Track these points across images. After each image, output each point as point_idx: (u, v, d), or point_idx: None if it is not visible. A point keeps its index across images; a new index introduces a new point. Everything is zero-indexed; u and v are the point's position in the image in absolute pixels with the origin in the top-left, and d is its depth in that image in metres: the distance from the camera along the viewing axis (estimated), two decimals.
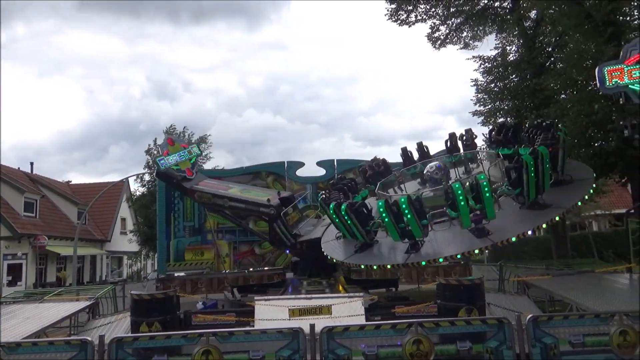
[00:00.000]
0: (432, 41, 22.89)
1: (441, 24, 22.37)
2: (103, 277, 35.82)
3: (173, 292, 8.89)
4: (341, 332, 5.28)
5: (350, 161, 16.39)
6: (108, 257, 37.42)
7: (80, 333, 10.46)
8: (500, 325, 5.40)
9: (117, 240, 37.17)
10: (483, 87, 22.05)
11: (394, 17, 22.08)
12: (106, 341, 5.17)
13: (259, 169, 16.69)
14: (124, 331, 9.09)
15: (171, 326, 7.94)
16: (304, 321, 6.47)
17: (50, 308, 10.99)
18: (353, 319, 7.54)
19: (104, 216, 36.26)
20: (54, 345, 5.32)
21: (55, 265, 30.07)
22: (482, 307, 8.02)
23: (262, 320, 7.89)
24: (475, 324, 5.56)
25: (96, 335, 5.58)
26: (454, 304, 7.83)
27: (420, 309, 8.47)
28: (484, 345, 5.33)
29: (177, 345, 5.40)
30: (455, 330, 5.39)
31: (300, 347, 5.15)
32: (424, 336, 5.14)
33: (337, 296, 8.90)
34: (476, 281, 8.30)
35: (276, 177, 16.30)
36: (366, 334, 5.37)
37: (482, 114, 22.13)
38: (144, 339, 5.52)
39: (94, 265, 35.58)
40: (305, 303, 8.24)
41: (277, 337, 5.31)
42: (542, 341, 5.32)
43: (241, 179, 15.72)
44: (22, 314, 10.57)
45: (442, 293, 8.26)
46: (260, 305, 8.26)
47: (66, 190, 35.79)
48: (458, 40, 22.91)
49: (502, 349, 5.28)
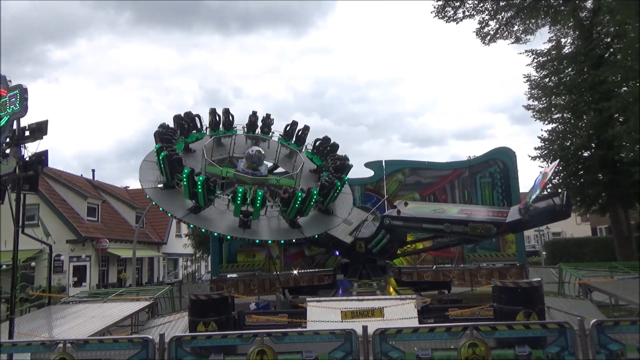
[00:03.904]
0: (481, 37, 22.27)
1: (490, 19, 21.70)
2: (160, 278, 37.16)
3: (228, 293, 9.09)
4: (394, 334, 5.22)
5: (399, 162, 16.19)
6: (164, 259, 38.77)
7: (141, 331, 10.88)
8: (562, 330, 5.15)
9: (172, 242, 38.48)
10: (537, 82, 21.27)
11: (441, 14, 21.65)
12: (166, 340, 5.35)
13: None
14: (181, 330, 9.39)
15: (226, 326, 8.13)
16: (356, 323, 6.46)
17: (113, 308, 11.49)
18: (406, 322, 7.44)
19: (160, 220, 37.61)
20: (118, 343, 5.57)
21: (116, 267, 31.52)
22: (541, 311, 7.72)
23: (315, 321, 7.92)
24: (534, 328, 5.34)
25: (156, 333, 5.77)
26: (511, 307, 7.58)
27: (475, 311, 8.26)
28: (544, 351, 5.11)
29: (232, 345, 5.50)
30: (513, 335, 5.20)
31: (353, 349, 5.13)
32: (480, 340, 5.00)
33: (390, 298, 8.80)
34: (535, 284, 8.00)
35: None
36: (420, 336, 5.27)
37: (536, 109, 21.36)
38: (201, 338, 5.67)
39: (151, 267, 36.99)
40: (357, 305, 8.20)
41: (330, 338, 5.30)
42: (607, 347, 5.03)
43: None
44: (88, 313, 11.13)
45: (498, 296, 8.01)
46: (312, 307, 8.30)
47: (125, 195, 37.45)
48: (509, 35, 22.15)
49: (564, 355, 5.04)
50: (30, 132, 8.17)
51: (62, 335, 8.92)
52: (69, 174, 33.54)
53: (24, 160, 8.15)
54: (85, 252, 28.23)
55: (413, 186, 15.53)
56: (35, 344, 5.79)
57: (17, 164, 8.07)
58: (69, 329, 9.65)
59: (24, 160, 8.16)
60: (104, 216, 31.31)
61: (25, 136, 8.18)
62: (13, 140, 8.16)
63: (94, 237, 28.45)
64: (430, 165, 15.97)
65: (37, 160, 8.19)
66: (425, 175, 15.71)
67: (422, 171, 15.73)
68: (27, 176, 8.28)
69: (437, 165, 16.07)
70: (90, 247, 28.40)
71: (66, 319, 10.86)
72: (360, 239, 11.83)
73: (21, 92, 8.04)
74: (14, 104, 8.06)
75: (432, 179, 15.63)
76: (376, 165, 15.94)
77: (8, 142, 8.18)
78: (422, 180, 15.67)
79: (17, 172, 8.10)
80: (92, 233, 28.62)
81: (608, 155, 18.48)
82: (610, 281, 11.32)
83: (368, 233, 12.36)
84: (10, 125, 8.11)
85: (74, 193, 29.51)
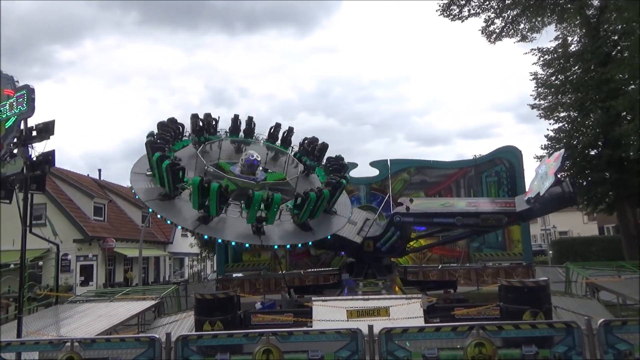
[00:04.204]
0: (486, 35, 22.15)
1: (496, 17, 21.57)
2: (166, 277, 37.31)
3: (234, 292, 9.11)
4: (400, 333, 5.22)
5: (404, 161, 16.17)
6: (170, 258, 38.93)
7: (147, 331, 10.91)
8: (569, 330, 5.12)
9: (178, 242, 38.60)
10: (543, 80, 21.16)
11: (446, 13, 21.54)
12: (172, 339, 5.37)
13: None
14: (187, 329, 9.41)
15: (232, 325, 8.14)
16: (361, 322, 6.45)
17: (120, 307, 11.53)
18: (412, 321, 7.42)
19: None
20: (125, 342, 5.59)
21: (123, 266, 31.67)
22: (548, 311, 7.67)
23: (320, 320, 7.92)
24: (541, 327, 5.32)
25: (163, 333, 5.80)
26: (518, 306, 7.55)
27: (481, 311, 8.23)
28: (551, 351, 5.09)
29: (238, 344, 5.52)
30: (519, 334, 5.18)
31: (359, 348, 5.13)
32: (487, 339, 4.98)
33: (395, 297, 8.77)
34: (541, 283, 7.96)
35: None
36: (426, 336, 5.27)
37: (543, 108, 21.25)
38: (207, 337, 5.70)
39: (157, 266, 37.14)
40: (362, 304, 8.19)
41: (336, 337, 5.30)
42: (615, 347, 5.00)
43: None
44: (94, 312, 11.18)
45: (504, 295, 7.97)
46: (318, 306, 8.29)
47: (131, 195, 37.52)
48: (515, 33, 22.01)
49: (572, 355, 5.02)
50: (37, 132, 8.22)
51: (69, 334, 8.97)
52: (75, 173, 33.73)
53: (31, 160, 8.21)
54: (92, 251, 28.38)
55: (419, 185, 15.51)
56: (43, 342, 5.83)
57: (24, 164, 8.13)
58: (76, 328, 9.70)
59: (32, 160, 8.22)
60: (111, 216, 31.46)
61: (32, 136, 8.23)
62: (20, 140, 8.21)
63: (100, 237, 28.60)
64: (435, 164, 15.95)
65: (45, 160, 8.25)
66: (431, 174, 15.69)
67: (427, 170, 15.71)
68: (35, 176, 8.34)
69: (443, 164, 16.04)
70: (97, 247, 28.55)
71: (73, 318, 10.92)
72: (368, 238, 11.86)
73: (28, 92, 8.09)
74: (21, 104, 8.10)
75: (437, 177, 15.61)
76: (381, 164, 15.92)
77: (16, 142, 8.24)
78: (427, 179, 15.66)
79: (24, 171, 8.16)
80: (98, 232, 28.77)
81: (615, 153, 18.36)
82: (617, 280, 11.24)
83: (373, 232, 12.39)
84: (17, 125, 8.16)
85: (81, 193, 29.68)
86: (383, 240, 11.69)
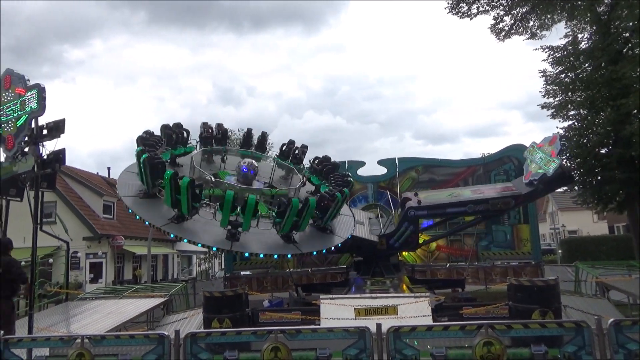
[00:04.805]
0: (495, 33, 22.00)
1: (505, 14, 21.42)
2: (174, 275, 37.53)
3: (242, 290, 9.14)
4: (408, 332, 5.21)
5: (412, 159, 16.12)
6: (179, 256, 39.14)
7: (156, 328, 11.00)
8: (579, 329, 5.09)
9: None
10: (552, 78, 20.97)
11: (455, 10, 21.44)
12: (181, 336, 5.41)
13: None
14: (196, 327, 9.46)
15: (240, 323, 8.19)
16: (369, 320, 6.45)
17: (129, 304, 11.61)
18: (420, 320, 7.42)
19: None
20: (135, 338, 5.63)
21: (132, 264, 31.92)
22: (557, 310, 7.64)
23: (328, 319, 7.94)
24: (550, 327, 5.28)
25: (172, 330, 5.83)
26: (527, 305, 7.51)
27: (490, 310, 8.20)
28: (560, 350, 5.06)
29: (246, 342, 5.54)
30: (528, 333, 5.15)
31: (367, 346, 5.13)
32: (495, 338, 4.96)
33: (403, 296, 8.78)
34: (551, 282, 7.91)
35: None
36: (434, 334, 5.26)
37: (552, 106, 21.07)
38: (216, 334, 5.73)
39: (166, 264, 37.37)
40: (371, 303, 8.19)
41: (344, 335, 5.31)
42: (625, 347, 4.95)
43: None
44: (104, 309, 11.27)
45: (513, 294, 7.94)
46: (326, 304, 8.31)
47: None
48: (524, 31, 21.84)
49: (581, 355, 4.98)
50: (48, 131, 8.29)
51: (79, 330, 9.05)
52: (85, 171, 34.02)
53: (42, 158, 8.27)
54: (102, 249, 28.62)
55: (426, 183, 15.45)
56: (54, 339, 5.89)
57: (35, 162, 8.19)
58: (86, 325, 9.79)
59: (42, 158, 8.28)
60: (120, 213, 31.67)
61: (43, 134, 8.29)
62: (31, 138, 8.28)
63: (109, 235, 28.84)
64: (443, 162, 15.88)
65: (55, 158, 8.31)
66: (439, 173, 15.63)
67: (435, 168, 15.66)
68: (45, 174, 8.41)
69: (451, 162, 15.98)
70: (106, 244, 28.78)
71: (83, 314, 11.01)
72: (381, 236, 11.99)
73: (39, 91, 8.15)
74: (32, 103, 8.17)
75: (445, 176, 15.54)
76: (389, 163, 15.88)
77: (27, 140, 8.30)
78: (435, 178, 15.60)
79: (35, 170, 8.23)
80: (107, 230, 29.00)
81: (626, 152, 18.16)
82: (628, 280, 11.15)
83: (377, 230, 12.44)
84: (28, 123, 8.22)
85: (90, 191, 29.94)
86: (397, 236, 11.76)
